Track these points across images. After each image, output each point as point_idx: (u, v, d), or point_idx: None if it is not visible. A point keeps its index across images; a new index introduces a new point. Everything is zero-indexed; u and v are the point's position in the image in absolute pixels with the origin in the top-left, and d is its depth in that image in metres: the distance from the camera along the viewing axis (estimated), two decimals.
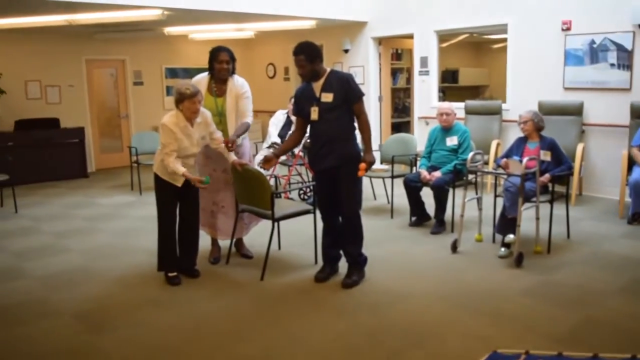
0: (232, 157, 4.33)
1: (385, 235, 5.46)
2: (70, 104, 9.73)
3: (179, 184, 4.17)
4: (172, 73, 10.87)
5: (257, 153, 7.10)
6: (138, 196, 7.68)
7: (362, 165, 3.97)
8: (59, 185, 8.66)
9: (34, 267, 4.81)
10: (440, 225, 5.50)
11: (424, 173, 5.52)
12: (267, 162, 4.14)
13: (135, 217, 6.49)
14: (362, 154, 4.07)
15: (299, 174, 7.24)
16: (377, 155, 8.36)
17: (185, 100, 4.03)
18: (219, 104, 4.50)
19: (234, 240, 4.80)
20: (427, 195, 5.73)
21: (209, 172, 4.60)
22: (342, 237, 4.23)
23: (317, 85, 4.03)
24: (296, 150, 6.84)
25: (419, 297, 3.94)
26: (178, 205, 4.28)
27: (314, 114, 4.02)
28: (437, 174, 5.46)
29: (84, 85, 9.84)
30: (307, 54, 3.95)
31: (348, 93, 3.99)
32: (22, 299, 4.08)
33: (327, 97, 3.98)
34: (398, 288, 4.11)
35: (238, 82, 4.57)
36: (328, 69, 4.06)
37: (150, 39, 10.34)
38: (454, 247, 4.88)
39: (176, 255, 4.34)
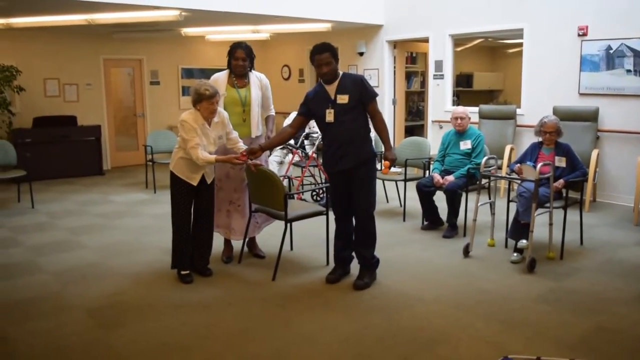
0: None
1: (397, 238, 5.44)
2: (87, 102, 9.80)
3: (195, 183, 4.18)
4: (188, 73, 10.92)
5: (270, 154, 7.10)
6: (152, 194, 7.71)
7: (386, 162, 3.99)
8: (75, 182, 8.73)
9: (49, 262, 4.84)
10: (452, 229, 5.47)
11: (437, 177, 5.49)
12: (251, 153, 4.14)
13: (149, 215, 6.52)
14: (377, 154, 4.06)
15: (312, 176, 7.23)
16: None
17: (203, 101, 4.04)
18: (242, 95, 4.53)
19: (247, 239, 4.79)
20: (439, 199, 5.70)
21: (226, 169, 4.61)
22: (355, 239, 4.22)
23: (332, 88, 4.02)
24: (310, 152, 6.84)
25: (430, 301, 3.91)
26: (193, 203, 4.29)
27: (330, 116, 4.00)
28: (450, 178, 5.43)
29: (101, 84, 9.91)
30: (331, 51, 3.95)
31: (363, 93, 3.98)
32: (36, 294, 4.11)
33: (343, 99, 3.97)
34: (409, 291, 4.09)
35: (259, 75, 4.65)
36: (341, 72, 4.07)
37: (167, 39, 10.39)
38: (466, 252, 4.85)
39: (189, 254, 4.35)
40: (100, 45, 9.81)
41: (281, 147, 7.17)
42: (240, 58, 4.48)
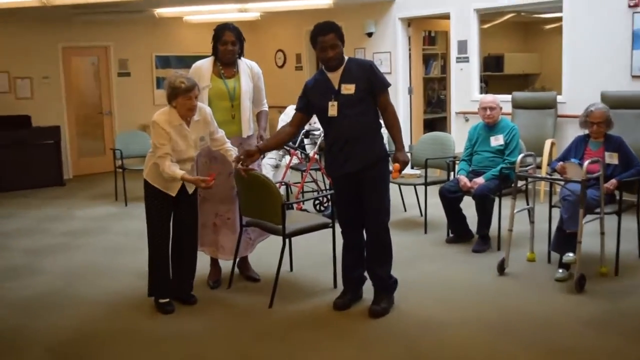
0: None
1: (417, 253, 5.43)
2: (43, 99, 9.82)
3: (173, 193, 4.18)
4: (164, 62, 10.95)
5: (264, 157, 7.10)
6: (123, 207, 7.71)
7: (396, 165, 3.98)
8: (30, 195, 8.73)
9: (2, 292, 4.83)
10: (483, 242, 5.46)
11: (464, 180, 5.49)
12: (248, 156, 4.13)
13: (120, 233, 6.52)
14: (390, 155, 4.07)
15: (314, 181, 7.23)
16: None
17: (179, 96, 4.04)
18: (230, 87, 4.55)
19: (238, 259, 4.80)
20: (467, 206, 5.69)
21: (214, 173, 4.60)
22: (367, 256, 4.22)
23: (335, 76, 4.03)
24: (311, 153, 6.84)
25: (458, 328, 3.90)
26: (172, 218, 4.29)
27: (332, 109, 4.01)
28: (480, 180, 5.43)
29: (60, 77, 9.93)
30: (337, 32, 3.96)
31: (372, 83, 3.99)
32: None
33: (349, 89, 3.98)
34: (434, 317, 4.08)
35: (249, 63, 4.67)
36: (346, 58, 4.07)
37: (138, 23, 10.41)
38: (501, 268, 4.84)
39: (169, 278, 4.34)
40: (58, 31, 9.83)
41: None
42: (229, 42, 4.48)
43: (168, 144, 4.05)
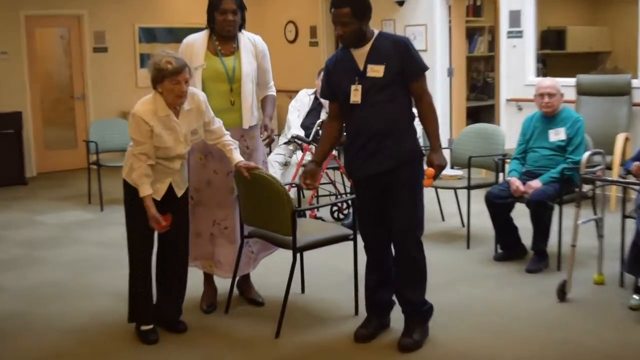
0: (237, 156, 4.34)
1: (458, 273, 5.42)
2: (2, 80, 9.86)
3: (158, 197, 4.18)
4: (149, 36, 10.98)
5: (270, 152, 7.11)
6: (99, 212, 7.74)
7: (429, 171, 3.96)
8: None
9: None
10: (540, 259, 5.45)
11: (516, 182, 5.47)
12: (311, 176, 4.16)
13: (94, 243, 6.54)
14: (419, 146, 4.07)
15: (332, 182, 7.23)
16: (446, 155, 8.28)
17: (165, 80, 4.03)
18: (229, 66, 4.55)
19: (238, 278, 4.79)
20: (520, 215, 5.67)
21: (207, 175, 4.62)
22: (396, 276, 4.21)
23: (360, 54, 4.02)
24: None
25: None
26: None
27: (356, 94, 4.01)
28: (536, 183, 5.41)
29: (22, 52, 9.96)
30: (355, 6, 3.93)
31: (406, 64, 3.98)
32: None
33: (376, 71, 3.97)
34: (477, 352, 4.06)
35: (253, 38, 4.68)
36: (375, 31, 4.05)
37: None
38: (562, 293, 4.82)
39: (152, 300, 4.35)
40: None
41: (285, 141, 7.18)
42: (230, 11, 4.47)
43: (148, 141, 4.04)
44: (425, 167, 4.03)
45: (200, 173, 4.62)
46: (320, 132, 6.96)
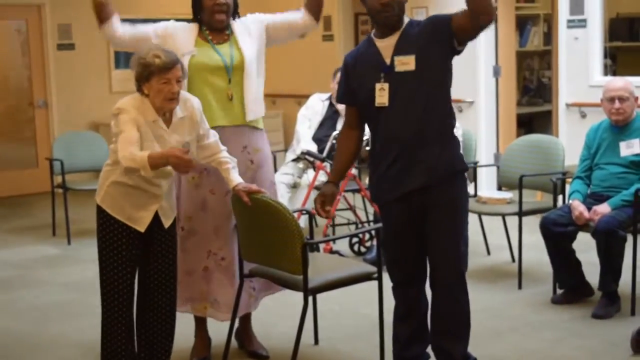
0: (235, 177, 4.34)
1: (508, 320, 5.41)
2: None
3: (142, 228, 4.19)
4: None
5: (276, 171, 7.15)
6: (65, 247, 7.77)
7: None
8: None
9: None
10: (609, 302, 5.43)
11: (580, 207, 5.46)
12: (329, 197, 4.22)
13: (59, 285, 6.56)
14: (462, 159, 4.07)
15: (351, 208, 7.23)
16: (492, 172, 8.29)
17: (152, 77, 4.02)
18: (225, 55, 4.59)
19: (237, 325, 4.80)
20: (585, 247, 5.66)
21: (202, 196, 4.64)
22: (433, 325, 4.20)
23: (387, 45, 4.02)
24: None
25: None
26: (139, 264, 4.29)
27: (382, 95, 4.00)
28: (604, 208, 5.40)
29: None
30: None
31: (437, 32, 3.93)
32: None
33: (406, 63, 3.96)
34: None
35: (243, 20, 4.73)
36: (406, 19, 4.06)
37: None
38: (638, 345, 4.80)
39: (131, 354, 4.34)
40: None
41: (293, 158, 7.19)
42: (221, 4, 4.51)
43: (136, 132, 3.98)
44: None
45: (194, 196, 4.63)
46: (335, 146, 7.01)
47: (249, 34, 4.68)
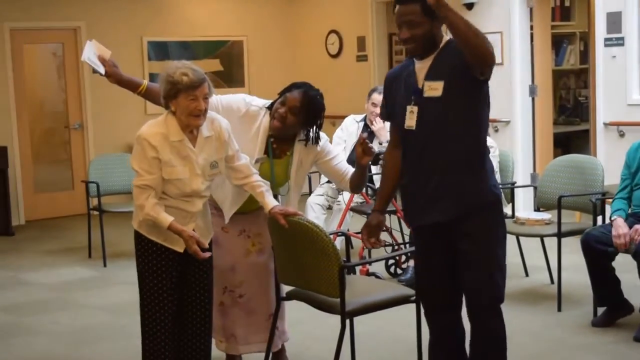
0: (271, 201, 4.32)
1: (547, 344, 5.36)
2: None
3: (181, 249, 4.17)
4: (160, 51, 11.10)
5: (311, 193, 7.13)
6: (101, 269, 7.78)
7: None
8: None
9: None
10: None
11: (621, 226, 5.41)
12: (374, 228, 4.17)
13: (95, 307, 6.56)
14: (494, 189, 4.00)
15: (387, 230, 7.19)
16: (529, 193, 8.23)
17: (179, 95, 4.03)
18: (276, 173, 4.63)
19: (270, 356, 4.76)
20: (626, 268, 5.61)
21: (220, 224, 4.64)
22: (472, 353, 4.14)
23: (422, 67, 3.97)
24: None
25: None
26: (178, 285, 4.28)
27: (411, 118, 3.95)
28: None
29: (7, 73, 10.14)
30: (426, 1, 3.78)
31: (465, 60, 3.81)
32: None
33: (434, 89, 3.88)
34: None
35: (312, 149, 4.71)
36: (446, 37, 3.99)
37: None
38: None
39: None
40: (4, 6, 10.02)
41: (328, 179, 7.17)
42: (292, 108, 4.52)
43: (155, 172, 4.02)
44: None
45: (213, 222, 4.62)
46: (371, 169, 6.96)
47: (300, 164, 4.68)
